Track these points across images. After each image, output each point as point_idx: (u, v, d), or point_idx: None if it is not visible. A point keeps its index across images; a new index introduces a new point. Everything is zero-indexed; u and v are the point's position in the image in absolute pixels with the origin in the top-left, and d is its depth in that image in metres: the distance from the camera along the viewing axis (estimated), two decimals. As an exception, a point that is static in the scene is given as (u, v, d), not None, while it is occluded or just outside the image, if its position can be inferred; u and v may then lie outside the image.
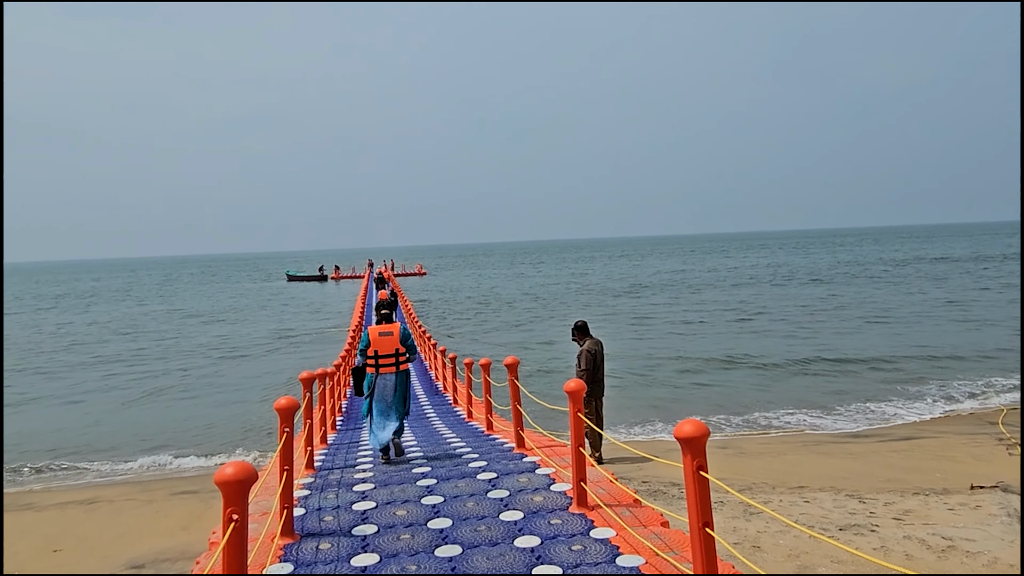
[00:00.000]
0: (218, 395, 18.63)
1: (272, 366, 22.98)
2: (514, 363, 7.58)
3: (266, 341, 29.55)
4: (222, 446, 13.76)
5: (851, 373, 18.37)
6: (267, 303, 51.58)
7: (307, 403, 7.46)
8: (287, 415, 5.10)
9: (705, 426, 3.40)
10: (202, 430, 15.11)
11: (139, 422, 15.95)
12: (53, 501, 9.09)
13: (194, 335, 32.90)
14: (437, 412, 13.01)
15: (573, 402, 5.34)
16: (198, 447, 13.69)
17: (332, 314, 39.56)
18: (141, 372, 22.69)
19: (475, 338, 28.20)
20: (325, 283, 76.97)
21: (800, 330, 26.67)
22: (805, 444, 10.64)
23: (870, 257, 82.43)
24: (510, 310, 38.43)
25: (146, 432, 14.92)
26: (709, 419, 14.27)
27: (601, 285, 52.02)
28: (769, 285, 48.38)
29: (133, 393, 19.42)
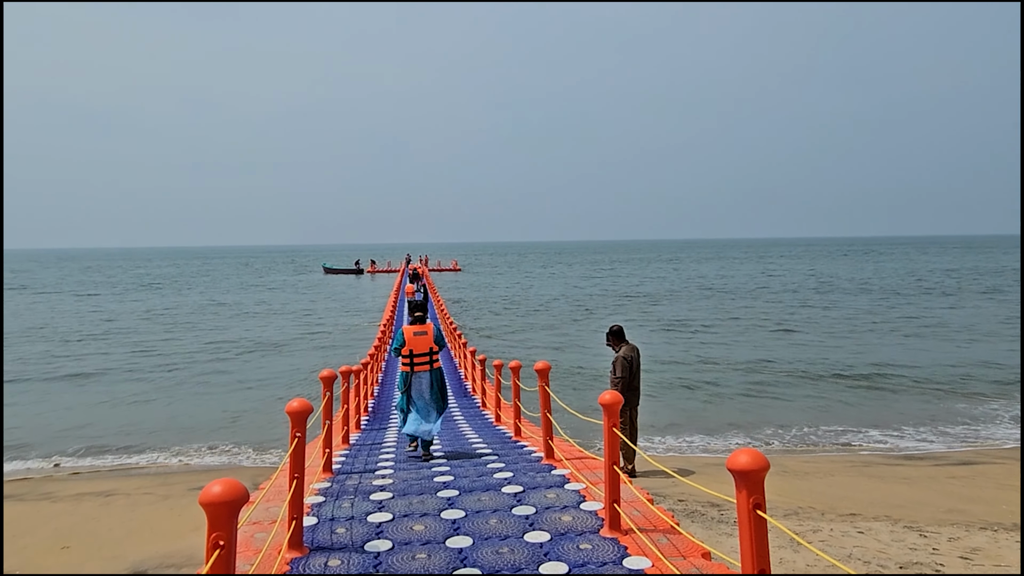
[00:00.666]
0: (247, 389, 18.58)
1: (302, 361, 22.93)
2: (545, 368, 7.28)
3: (299, 335, 29.60)
4: (248, 440, 13.63)
5: (903, 389, 17.50)
6: (302, 296, 52.05)
7: (327, 403, 7.15)
8: (299, 419, 4.77)
9: (764, 457, 2.95)
10: (229, 423, 15.03)
11: (175, 413, 15.97)
12: (72, 491, 9.00)
13: (230, 327, 33.22)
14: (465, 415, 12.68)
15: (608, 415, 4.92)
16: (224, 440, 13.58)
17: (362, 311, 39.62)
18: (184, 362, 22.84)
19: (505, 338, 27.84)
20: (360, 276, 77.60)
21: (847, 341, 25.71)
22: (854, 465, 10.00)
23: (921, 267, 79.85)
24: (543, 312, 37.99)
25: (178, 423, 14.91)
26: (753, 436, 13.67)
27: (634, 288, 51.16)
28: (814, 293, 47.02)
29: (171, 383, 19.52)
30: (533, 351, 24.12)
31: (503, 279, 68.52)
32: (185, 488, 9.01)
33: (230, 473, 10.52)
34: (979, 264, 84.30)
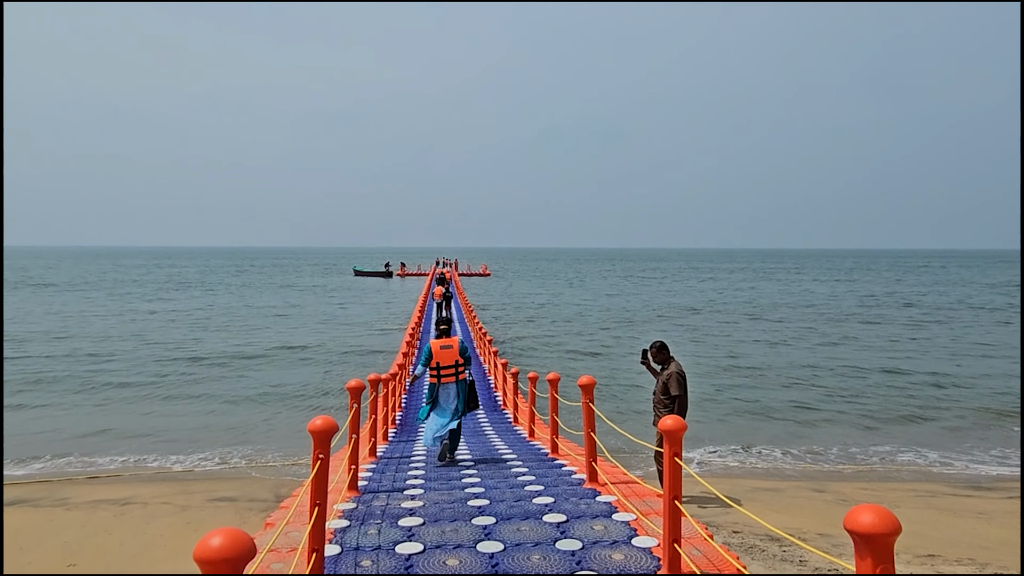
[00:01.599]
0: (267, 398, 18.22)
1: (329, 369, 22.57)
2: (590, 384, 6.76)
3: (328, 338, 29.33)
4: (273, 448, 13.27)
5: (971, 411, 16.49)
6: (331, 298, 52.07)
7: (354, 415, 6.81)
8: (322, 439, 4.29)
9: (894, 519, 2.38)
10: (260, 429, 14.70)
11: (200, 418, 15.72)
12: (88, 497, 8.69)
13: (261, 331, 33.16)
14: (496, 430, 12.16)
15: (670, 443, 4.35)
16: (251, 447, 13.24)
17: (390, 315, 39.36)
18: (218, 368, 22.70)
19: (536, 348, 27.20)
20: (390, 279, 77.66)
21: (901, 355, 24.66)
22: (919, 495, 9.26)
23: (962, 279, 77.38)
24: (578, 321, 37.33)
25: (206, 428, 14.63)
26: (789, 452, 12.92)
27: (668, 302, 50.04)
28: (856, 306, 45.59)
29: (203, 388, 19.33)
30: (570, 363, 23.44)
31: (531, 286, 67.86)
32: (205, 498, 8.62)
33: (250, 483, 10.12)
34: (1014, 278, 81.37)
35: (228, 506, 8.23)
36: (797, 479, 10.73)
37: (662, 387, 7.61)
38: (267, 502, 8.51)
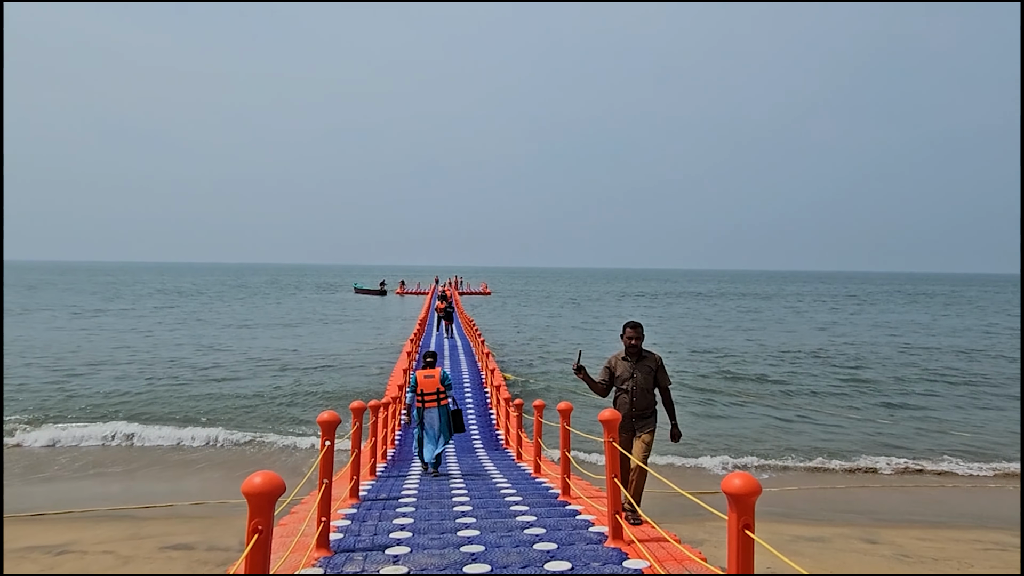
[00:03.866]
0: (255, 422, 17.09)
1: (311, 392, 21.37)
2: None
3: (319, 361, 28.09)
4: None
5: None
6: (329, 318, 51.02)
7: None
8: (261, 503, 3.18)
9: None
10: (234, 457, 13.56)
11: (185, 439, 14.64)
12: (23, 543, 7.52)
13: (253, 349, 32.06)
14: (498, 465, 11.02)
15: (739, 512, 3.26)
16: (226, 475, 12.09)
17: (383, 336, 38.18)
18: (220, 383, 21.60)
19: (545, 371, 25.93)
20: (385, 297, 76.48)
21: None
22: (985, 547, 8.07)
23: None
24: (579, 343, 36.14)
25: (188, 457, 13.54)
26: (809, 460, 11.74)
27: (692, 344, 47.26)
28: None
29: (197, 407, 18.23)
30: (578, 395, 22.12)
31: (531, 307, 66.60)
32: (156, 546, 7.47)
33: (213, 524, 8.93)
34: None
35: (181, 557, 7.07)
36: (837, 521, 9.59)
37: (649, 378, 6.20)
38: (229, 551, 7.36)
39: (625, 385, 6.27)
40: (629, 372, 6.27)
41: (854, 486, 12.43)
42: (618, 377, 6.33)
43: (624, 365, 6.33)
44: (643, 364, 6.29)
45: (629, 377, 6.26)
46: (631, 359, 6.32)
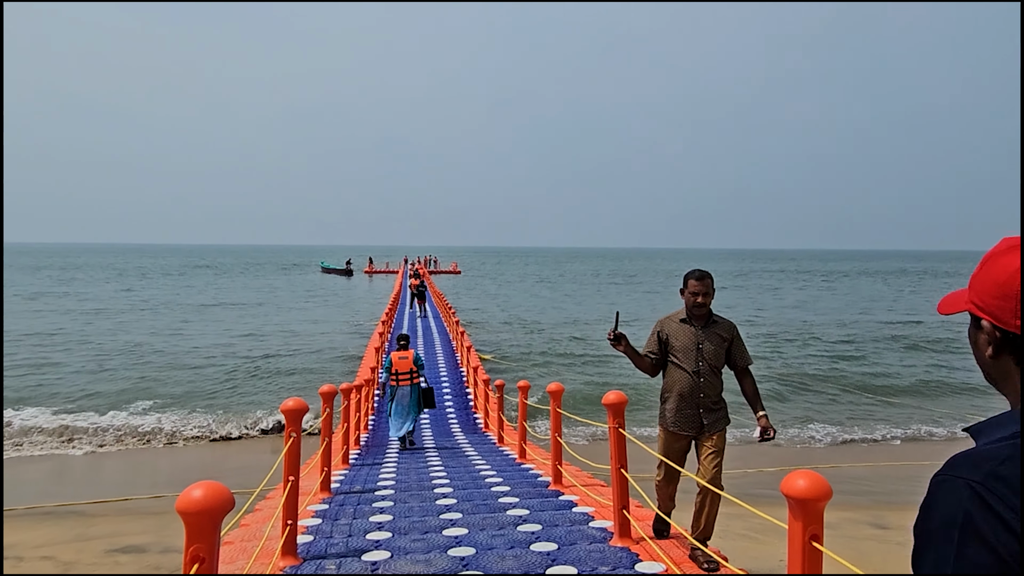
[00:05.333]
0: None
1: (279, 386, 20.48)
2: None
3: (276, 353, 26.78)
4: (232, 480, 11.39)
5: None
6: (295, 299, 49.89)
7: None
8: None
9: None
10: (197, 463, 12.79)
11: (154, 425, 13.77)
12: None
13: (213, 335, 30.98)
14: (479, 450, 10.45)
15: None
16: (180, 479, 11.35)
17: (352, 317, 37.29)
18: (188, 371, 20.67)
19: (536, 355, 25.26)
20: (352, 277, 74.86)
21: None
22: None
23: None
24: (550, 325, 35.66)
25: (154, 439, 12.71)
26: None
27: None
28: None
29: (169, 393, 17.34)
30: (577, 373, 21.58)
31: (504, 287, 65.97)
32: (104, 548, 6.75)
33: (173, 524, 8.22)
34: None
35: (130, 562, 6.37)
36: (837, 503, 9.20)
37: (720, 353, 4.45)
38: (185, 553, 6.70)
39: (686, 360, 4.44)
40: (693, 342, 4.45)
41: (843, 463, 12.14)
42: (675, 348, 4.49)
43: (685, 331, 4.49)
44: (712, 331, 4.49)
45: (694, 348, 4.44)
46: (696, 323, 4.50)
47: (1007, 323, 1.08)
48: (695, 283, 4.45)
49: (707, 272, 4.50)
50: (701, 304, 4.44)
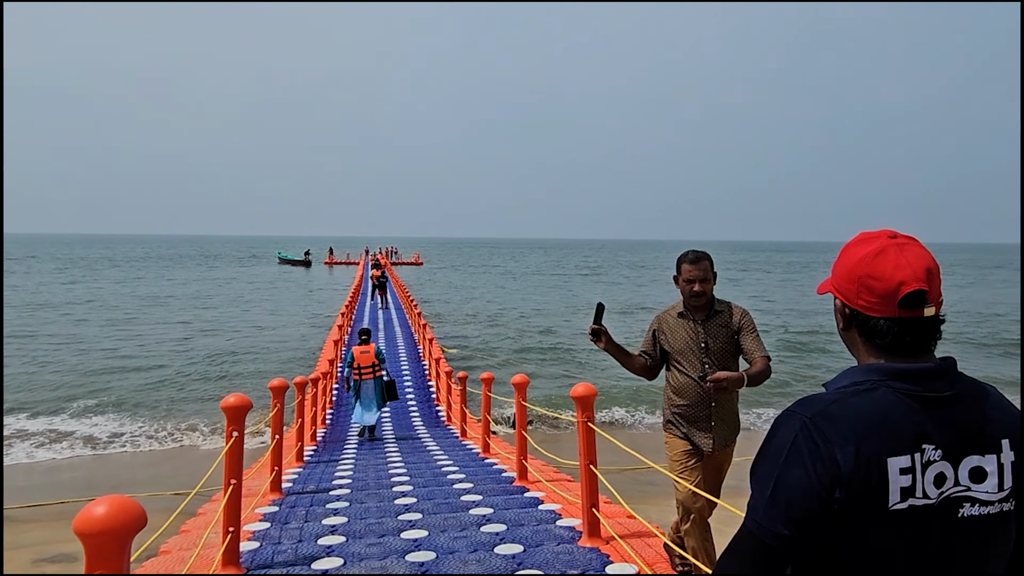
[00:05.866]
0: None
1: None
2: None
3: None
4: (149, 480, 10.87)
5: None
6: (251, 291, 48.74)
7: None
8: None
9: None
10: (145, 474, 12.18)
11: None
12: None
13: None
14: (441, 444, 10.15)
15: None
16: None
17: (310, 309, 36.51)
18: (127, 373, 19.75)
19: (490, 348, 24.96)
20: (310, 268, 73.44)
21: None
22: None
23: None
24: (513, 313, 35.42)
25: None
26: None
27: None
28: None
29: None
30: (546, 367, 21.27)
31: (467, 278, 65.55)
32: (31, 559, 6.26)
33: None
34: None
35: (60, 572, 5.92)
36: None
37: (728, 347, 3.79)
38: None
39: (689, 364, 3.81)
40: (695, 340, 3.81)
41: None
42: (675, 350, 3.86)
43: (685, 328, 3.85)
44: (715, 324, 3.82)
45: (697, 349, 3.80)
46: (695, 316, 3.85)
47: (852, 302, 1.34)
48: (689, 267, 3.79)
49: (704, 253, 3.84)
50: (699, 293, 3.76)
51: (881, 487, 1.18)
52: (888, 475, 1.18)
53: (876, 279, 1.29)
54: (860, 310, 1.32)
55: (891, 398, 1.24)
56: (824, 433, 1.19)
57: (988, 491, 1.23)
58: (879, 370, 1.28)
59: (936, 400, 1.24)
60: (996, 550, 1.25)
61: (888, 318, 1.29)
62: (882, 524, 1.18)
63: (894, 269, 1.28)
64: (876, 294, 1.29)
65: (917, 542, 1.20)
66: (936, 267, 1.31)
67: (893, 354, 1.30)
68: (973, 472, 1.23)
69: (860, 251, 1.33)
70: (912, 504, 1.19)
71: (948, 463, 1.22)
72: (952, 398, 1.26)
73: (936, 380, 1.27)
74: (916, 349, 1.29)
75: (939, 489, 1.21)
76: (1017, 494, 1.26)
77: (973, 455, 1.24)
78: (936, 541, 1.21)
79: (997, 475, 1.24)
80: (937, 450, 1.21)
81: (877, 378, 1.27)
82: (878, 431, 1.20)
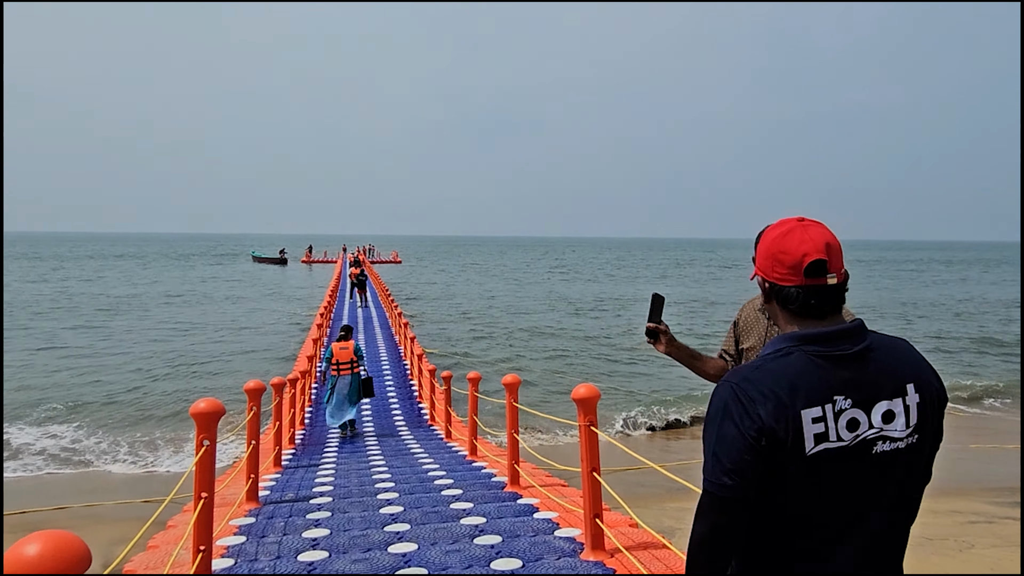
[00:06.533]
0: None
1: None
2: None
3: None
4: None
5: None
6: (225, 291, 47.90)
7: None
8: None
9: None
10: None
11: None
12: None
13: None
14: (426, 447, 9.81)
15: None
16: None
17: (286, 309, 35.85)
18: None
19: (467, 347, 24.58)
20: (286, 267, 72.27)
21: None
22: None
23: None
24: (494, 311, 35.05)
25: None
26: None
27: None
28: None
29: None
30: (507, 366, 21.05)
31: (445, 276, 64.97)
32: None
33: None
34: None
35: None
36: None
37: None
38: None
39: None
40: (765, 341, 2.95)
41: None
42: (746, 347, 2.97)
43: (760, 324, 2.94)
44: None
45: None
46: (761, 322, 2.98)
47: (769, 275, 1.56)
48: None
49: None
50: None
51: (797, 436, 1.40)
52: (803, 425, 1.40)
53: (785, 253, 1.52)
54: (775, 282, 1.54)
55: (803, 360, 1.45)
56: (748, 394, 1.42)
57: (898, 429, 1.46)
58: (793, 337, 1.50)
59: (843, 357, 1.46)
60: (911, 477, 1.49)
61: (797, 286, 1.51)
62: (803, 467, 1.40)
63: (799, 243, 1.51)
64: (786, 266, 1.52)
65: (836, 478, 1.42)
66: (836, 243, 1.53)
67: (805, 318, 1.52)
68: (885, 415, 1.45)
69: (774, 233, 1.57)
70: (826, 448, 1.41)
71: (860, 410, 1.43)
72: (859, 354, 1.47)
73: (843, 340, 1.47)
74: (822, 312, 1.51)
75: (853, 433, 1.43)
76: (920, 429, 1.48)
77: (883, 401, 1.45)
78: (855, 475, 1.43)
79: (904, 415, 1.46)
80: (847, 399, 1.43)
81: (792, 344, 1.48)
82: (792, 388, 1.41)
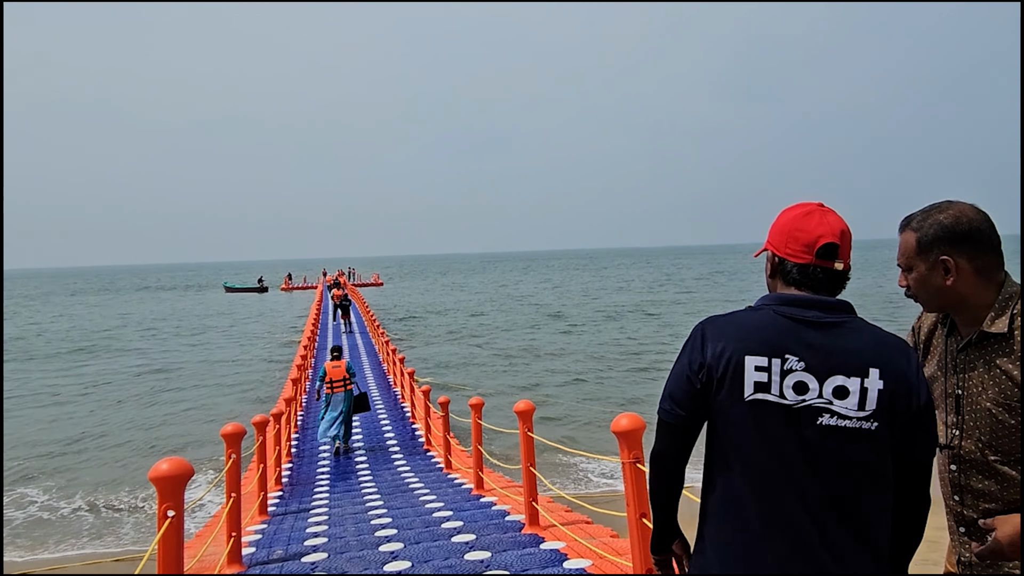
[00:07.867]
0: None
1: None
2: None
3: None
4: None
5: None
6: (197, 325, 46.61)
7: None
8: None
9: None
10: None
11: None
12: None
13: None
14: (425, 480, 9.07)
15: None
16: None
17: (265, 341, 34.73)
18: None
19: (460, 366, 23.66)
20: (265, 294, 70.69)
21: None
22: None
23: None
24: (481, 332, 34.22)
25: None
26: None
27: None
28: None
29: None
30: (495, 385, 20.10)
31: (428, 296, 63.89)
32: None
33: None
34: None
35: None
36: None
37: (1004, 409, 1.74)
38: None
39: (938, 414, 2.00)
40: (942, 379, 1.93)
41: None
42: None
43: (938, 351, 1.97)
44: (985, 356, 1.81)
45: (943, 398, 1.91)
46: (953, 332, 1.94)
47: (780, 250, 1.72)
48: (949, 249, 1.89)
49: (911, 218, 1.89)
50: (905, 289, 1.93)
51: (737, 378, 1.56)
52: (744, 370, 1.56)
53: (802, 231, 1.67)
54: (785, 257, 1.69)
55: (769, 315, 1.61)
56: (705, 334, 1.65)
57: (847, 407, 1.53)
58: (772, 297, 1.68)
59: (808, 322, 1.58)
60: (858, 460, 1.52)
61: (805, 263, 1.65)
62: (739, 408, 1.56)
63: (816, 225, 1.66)
64: (800, 243, 1.66)
65: (770, 430, 1.54)
66: (849, 232, 1.67)
67: (799, 288, 1.66)
68: (837, 389, 1.53)
69: (794, 212, 1.71)
70: (765, 398, 1.54)
71: (812, 376, 1.54)
72: (826, 324, 1.57)
73: (816, 309, 1.60)
74: (815, 289, 1.64)
75: (799, 396, 1.54)
76: (880, 417, 1.52)
77: (839, 375, 1.53)
78: (793, 436, 1.53)
79: (859, 395, 1.52)
80: (801, 362, 1.55)
81: (767, 302, 1.66)
82: (745, 336, 1.59)
